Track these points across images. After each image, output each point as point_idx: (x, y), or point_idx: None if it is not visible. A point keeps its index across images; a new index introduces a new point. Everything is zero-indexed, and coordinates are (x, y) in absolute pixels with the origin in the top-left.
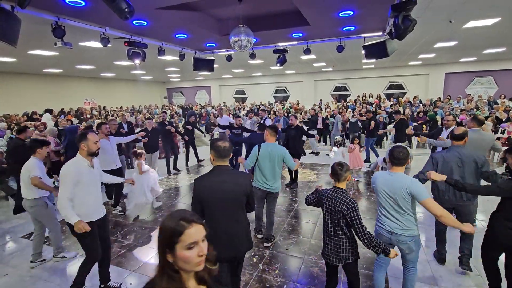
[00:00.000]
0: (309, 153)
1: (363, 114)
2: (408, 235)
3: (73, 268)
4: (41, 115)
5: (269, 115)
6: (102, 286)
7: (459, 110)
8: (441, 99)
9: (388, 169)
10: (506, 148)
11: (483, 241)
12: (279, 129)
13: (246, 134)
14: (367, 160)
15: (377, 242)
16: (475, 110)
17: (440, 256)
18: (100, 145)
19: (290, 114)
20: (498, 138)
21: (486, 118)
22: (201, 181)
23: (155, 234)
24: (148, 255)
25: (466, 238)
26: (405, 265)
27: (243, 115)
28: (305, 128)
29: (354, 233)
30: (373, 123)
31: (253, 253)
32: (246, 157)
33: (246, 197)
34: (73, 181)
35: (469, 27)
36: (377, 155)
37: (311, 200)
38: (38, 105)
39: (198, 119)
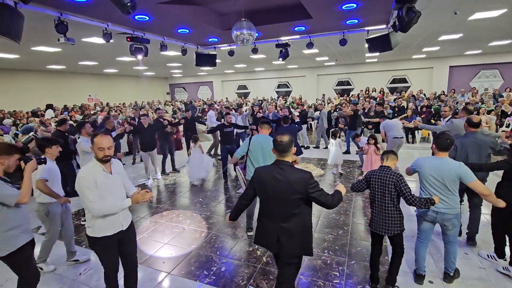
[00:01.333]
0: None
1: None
2: (452, 213)
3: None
4: (44, 111)
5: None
6: None
7: (464, 104)
8: (445, 93)
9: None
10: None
11: (492, 209)
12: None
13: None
14: (347, 152)
15: (424, 200)
16: (480, 103)
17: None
18: (111, 152)
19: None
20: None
21: (490, 112)
22: (260, 171)
23: (159, 228)
24: (154, 248)
25: (474, 219)
26: (447, 240)
27: (246, 110)
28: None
29: (405, 200)
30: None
31: (256, 246)
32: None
33: (303, 198)
34: (90, 185)
35: (474, 19)
36: (358, 146)
37: (361, 186)
38: (41, 101)
39: (200, 114)
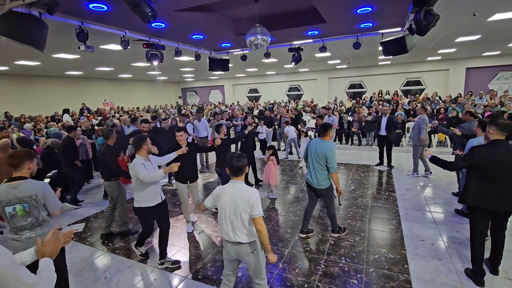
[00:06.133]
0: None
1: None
2: None
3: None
4: (61, 116)
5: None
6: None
7: (482, 107)
8: (462, 95)
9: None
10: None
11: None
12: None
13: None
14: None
15: None
16: (499, 106)
17: None
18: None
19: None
20: None
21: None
22: (482, 150)
23: (175, 232)
24: (170, 252)
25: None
26: None
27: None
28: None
29: None
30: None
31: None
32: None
33: None
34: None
35: (494, 20)
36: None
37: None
38: (59, 106)
39: (212, 118)
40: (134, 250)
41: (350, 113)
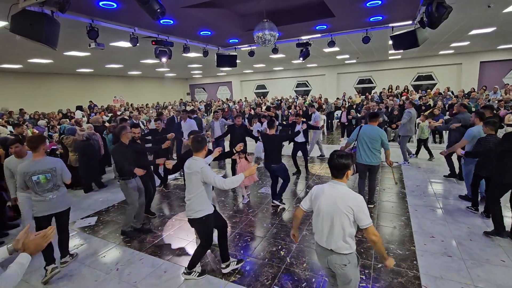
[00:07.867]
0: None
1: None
2: None
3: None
4: (73, 112)
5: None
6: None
7: (496, 102)
8: (476, 90)
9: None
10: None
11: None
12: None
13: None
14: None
15: None
16: None
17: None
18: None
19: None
20: None
21: None
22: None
23: (185, 226)
24: (180, 245)
25: None
26: None
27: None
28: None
29: None
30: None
31: (280, 246)
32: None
33: None
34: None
35: (510, 11)
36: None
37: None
38: (71, 103)
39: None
40: (188, 277)
41: (359, 109)
